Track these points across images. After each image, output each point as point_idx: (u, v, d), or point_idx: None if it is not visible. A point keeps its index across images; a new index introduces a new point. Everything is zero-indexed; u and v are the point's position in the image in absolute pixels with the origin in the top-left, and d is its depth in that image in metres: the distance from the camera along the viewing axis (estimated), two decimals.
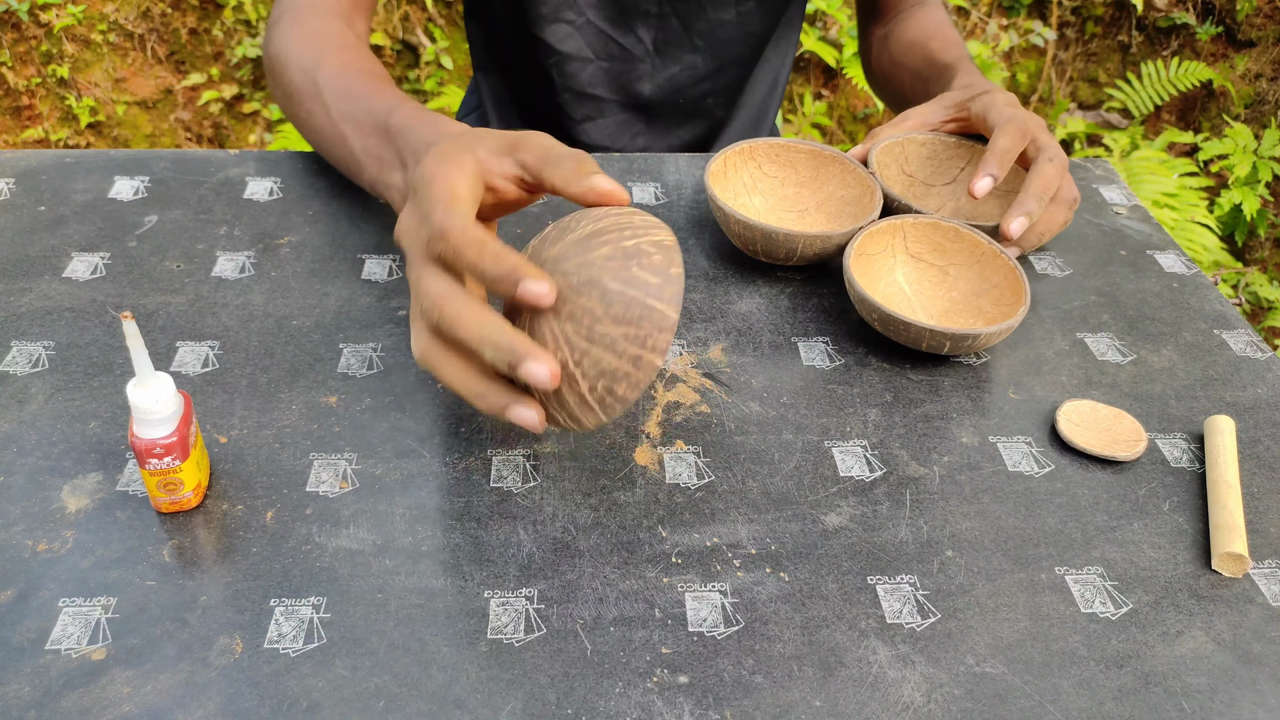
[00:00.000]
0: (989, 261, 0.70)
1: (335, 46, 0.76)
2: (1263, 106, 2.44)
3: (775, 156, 0.79)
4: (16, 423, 0.58)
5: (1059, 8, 2.59)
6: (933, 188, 0.81)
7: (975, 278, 0.71)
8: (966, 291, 0.71)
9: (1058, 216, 0.74)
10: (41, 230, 0.73)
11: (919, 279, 0.72)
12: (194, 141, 2.41)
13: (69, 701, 0.44)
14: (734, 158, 0.78)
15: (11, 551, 0.51)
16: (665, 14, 0.93)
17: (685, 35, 0.95)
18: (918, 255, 0.73)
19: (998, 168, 0.71)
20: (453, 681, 0.46)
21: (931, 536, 0.55)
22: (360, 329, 0.66)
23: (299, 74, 0.75)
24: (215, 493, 0.54)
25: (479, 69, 1.05)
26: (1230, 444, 0.60)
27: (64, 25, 2.27)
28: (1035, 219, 0.70)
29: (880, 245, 0.72)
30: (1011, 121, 0.73)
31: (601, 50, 0.95)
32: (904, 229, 0.72)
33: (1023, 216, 0.69)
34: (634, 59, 0.96)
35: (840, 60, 2.43)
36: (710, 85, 0.99)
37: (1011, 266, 0.68)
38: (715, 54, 0.97)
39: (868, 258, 0.71)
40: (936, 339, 0.63)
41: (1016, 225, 0.69)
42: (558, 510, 0.55)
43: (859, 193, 0.76)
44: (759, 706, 0.46)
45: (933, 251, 0.73)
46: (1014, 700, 0.47)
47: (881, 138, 0.80)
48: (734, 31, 0.95)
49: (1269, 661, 0.49)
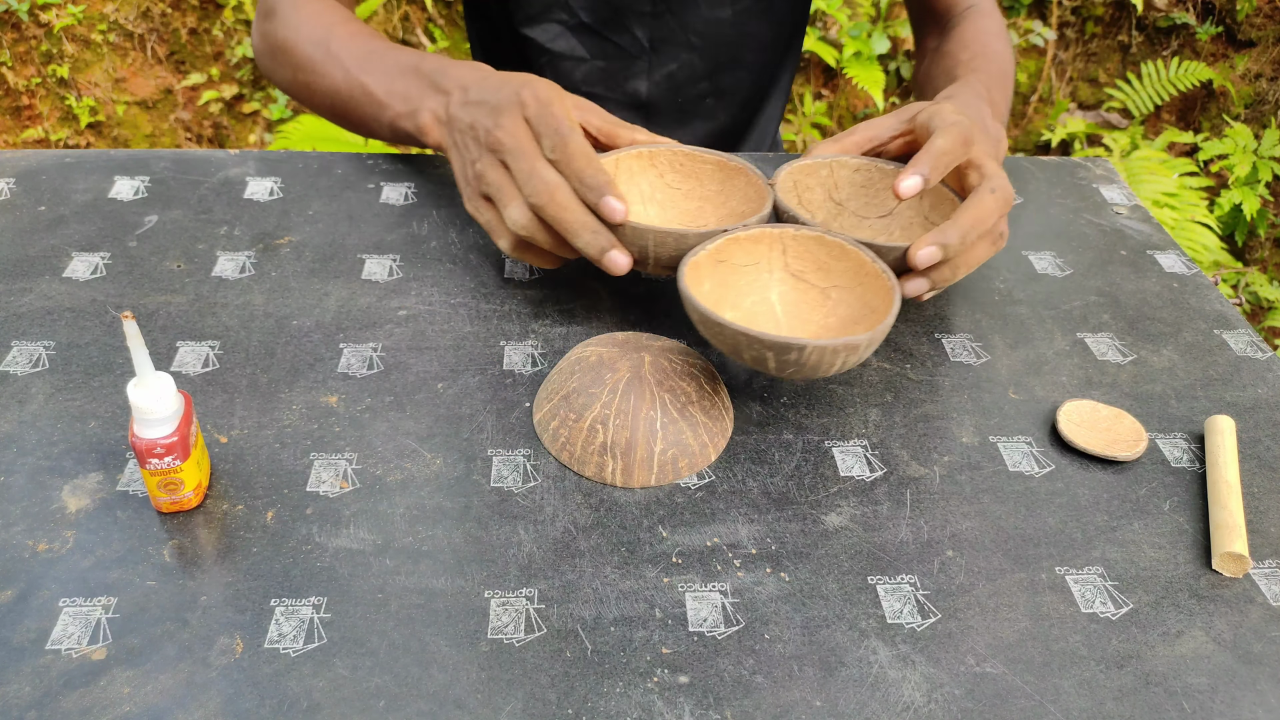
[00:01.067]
0: (871, 284, 0.60)
1: (342, 19, 0.83)
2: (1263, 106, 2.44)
3: (679, 165, 0.70)
4: (17, 423, 0.58)
5: (1059, 8, 2.59)
6: (864, 220, 0.70)
7: (856, 302, 0.61)
8: (845, 318, 0.61)
9: (979, 252, 0.64)
10: (41, 230, 0.73)
11: (797, 300, 0.63)
12: (194, 141, 2.41)
13: (69, 701, 0.44)
14: (630, 161, 0.69)
15: (12, 551, 0.51)
16: (659, 11, 0.93)
17: (681, 33, 0.95)
18: (799, 274, 0.64)
19: (929, 168, 0.61)
20: (453, 681, 0.46)
21: (932, 536, 0.55)
22: (360, 329, 0.66)
23: (310, 46, 0.81)
24: (216, 493, 0.54)
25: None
26: (1230, 444, 0.60)
27: (64, 25, 2.27)
28: (952, 254, 0.60)
29: (754, 256, 0.63)
30: (956, 126, 0.64)
31: (595, 49, 0.95)
32: (784, 241, 0.63)
33: (936, 247, 0.59)
34: (629, 57, 0.96)
35: (840, 60, 2.43)
36: (709, 85, 0.99)
37: (889, 289, 0.58)
38: (712, 53, 0.96)
39: (734, 268, 0.62)
40: (755, 347, 0.54)
41: (925, 254, 0.59)
42: (558, 510, 0.55)
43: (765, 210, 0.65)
44: (759, 706, 0.46)
45: (816, 270, 0.63)
46: (1014, 700, 0.47)
47: (813, 153, 0.71)
48: (730, 31, 0.95)
49: (1269, 661, 0.49)
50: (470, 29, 1.04)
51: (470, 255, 0.74)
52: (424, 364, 0.64)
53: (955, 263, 0.62)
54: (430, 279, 0.71)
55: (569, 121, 0.62)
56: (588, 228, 0.61)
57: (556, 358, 0.65)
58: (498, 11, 0.96)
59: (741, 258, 0.63)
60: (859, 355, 0.55)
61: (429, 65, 0.73)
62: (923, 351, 0.67)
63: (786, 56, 1.05)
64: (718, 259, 0.61)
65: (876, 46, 2.45)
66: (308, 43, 0.81)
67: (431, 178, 0.82)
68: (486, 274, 0.72)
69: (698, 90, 0.99)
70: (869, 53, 2.43)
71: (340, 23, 0.82)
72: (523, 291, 0.70)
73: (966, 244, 0.60)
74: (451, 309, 0.68)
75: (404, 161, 0.84)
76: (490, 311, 0.68)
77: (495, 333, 0.66)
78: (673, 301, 0.70)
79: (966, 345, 0.68)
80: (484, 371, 0.63)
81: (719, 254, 0.61)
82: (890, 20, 2.52)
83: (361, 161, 0.83)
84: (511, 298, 0.70)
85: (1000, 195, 0.62)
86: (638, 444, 0.57)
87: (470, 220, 0.77)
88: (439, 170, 0.83)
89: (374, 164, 0.83)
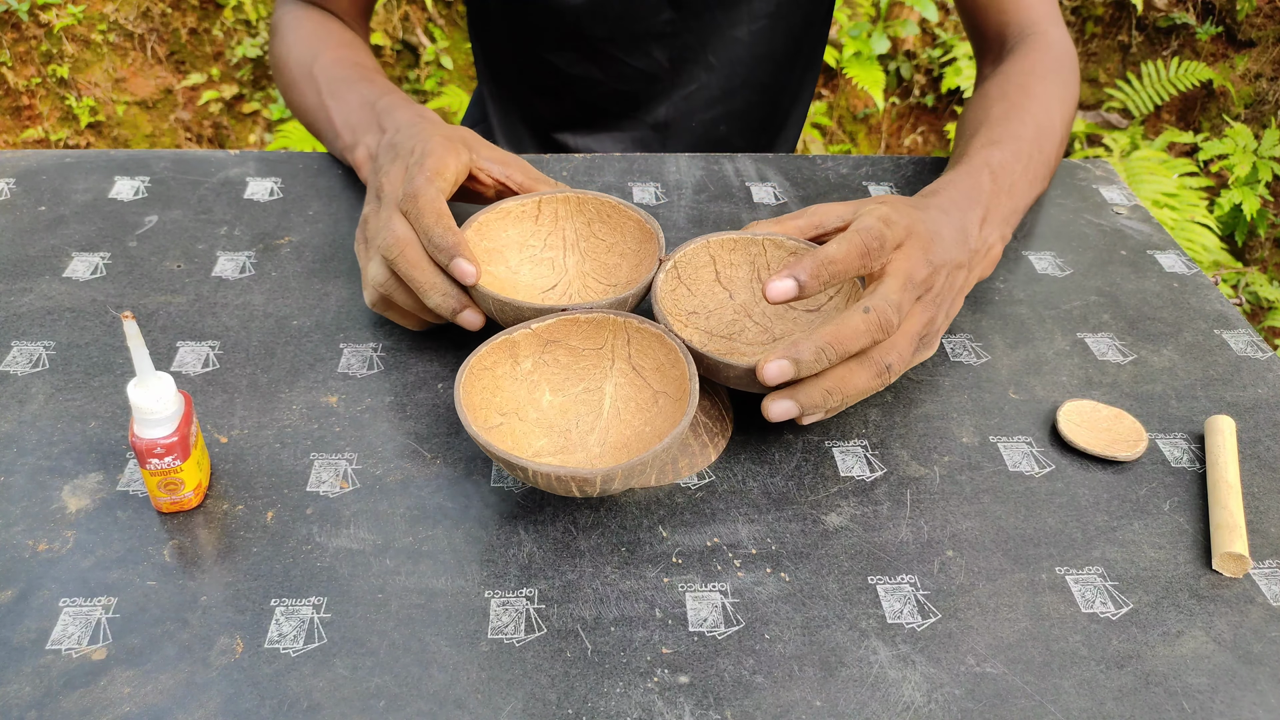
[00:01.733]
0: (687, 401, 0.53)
1: (333, 43, 0.84)
2: (1263, 106, 2.44)
3: (607, 216, 0.65)
4: (17, 423, 0.58)
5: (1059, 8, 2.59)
6: (790, 310, 0.63)
7: (677, 415, 0.54)
8: (660, 430, 0.55)
9: (856, 380, 0.55)
10: (41, 230, 0.73)
11: (631, 397, 0.58)
12: (194, 141, 2.41)
13: (69, 701, 0.44)
14: (556, 205, 0.66)
15: (12, 551, 0.51)
16: (679, 30, 0.92)
17: (701, 52, 0.93)
18: (639, 369, 0.58)
19: (807, 274, 0.53)
20: (453, 681, 0.46)
21: (932, 536, 0.55)
22: (360, 329, 0.66)
23: (298, 67, 0.83)
24: (216, 493, 0.54)
25: (484, 82, 1.04)
26: (1230, 444, 0.60)
27: (64, 25, 2.27)
28: (805, 372, 0.53)
29: (596, 341, 0.58)
30: (861, 234, 0.55)
31: (614, 73, 0.94)
32: (628, 331, 0.58)
33: (788, 362, 0.52)
34: (647, 78, 0.95)
35: (840, 60, 2.43)
36: (723, 109, 0.98)
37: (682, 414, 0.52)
38: (727, 74, 0.95)
39: (572, 350, 0.58)
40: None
41: (773, 369, 0.52)
42: (558, 510, 0.55)
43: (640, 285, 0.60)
44: (759, 706, 0.46)
45: (654, 370, 0.57)
46: (1014, 700, 0.47)
47: (750, 228, 0.64)
48: (745, 52, 0.94)
49: (1269, 661, 0.49)
50: (477, 51, 1.03)
51: None
52: (424, 364, 0.64)
53: (826, 387, 0.54)
54: None
55: (427, 176, 0.60)
56: (437, 289, 0.59)
57: None
58: (510, 35, 0.95)
59: (580, 340, 0.58)
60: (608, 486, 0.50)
61: (383, 103, 0.74)
62: None
63: (802, 86, 1.03)
64: (547, 339, 0.57)
65: (876, 46, 2.45)
66: (296, 64, 0.84)
67: None
68: None
69: (711, 115, 0.98)
70: (869, 53, 2.43)
71: (330, 47, 0.83)
72: None
73: (825, 363, 0.53)
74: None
75: None
76: None
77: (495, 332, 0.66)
78: None
79: (966, 345, 0.68)
80: None
81: (549, 333, 0.57)
82: (890, 20, 2.52)
83: None
84: None
85: (874, 318, 0.53)
86: None
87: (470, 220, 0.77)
88: None
89: None
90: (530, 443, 0.56)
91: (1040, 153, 0.75)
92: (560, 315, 0.57)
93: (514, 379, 0.57)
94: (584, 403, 0.58)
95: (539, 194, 0.66)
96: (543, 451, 0.56)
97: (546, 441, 0.57)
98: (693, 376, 0.53)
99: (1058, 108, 0.78)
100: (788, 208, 0.81)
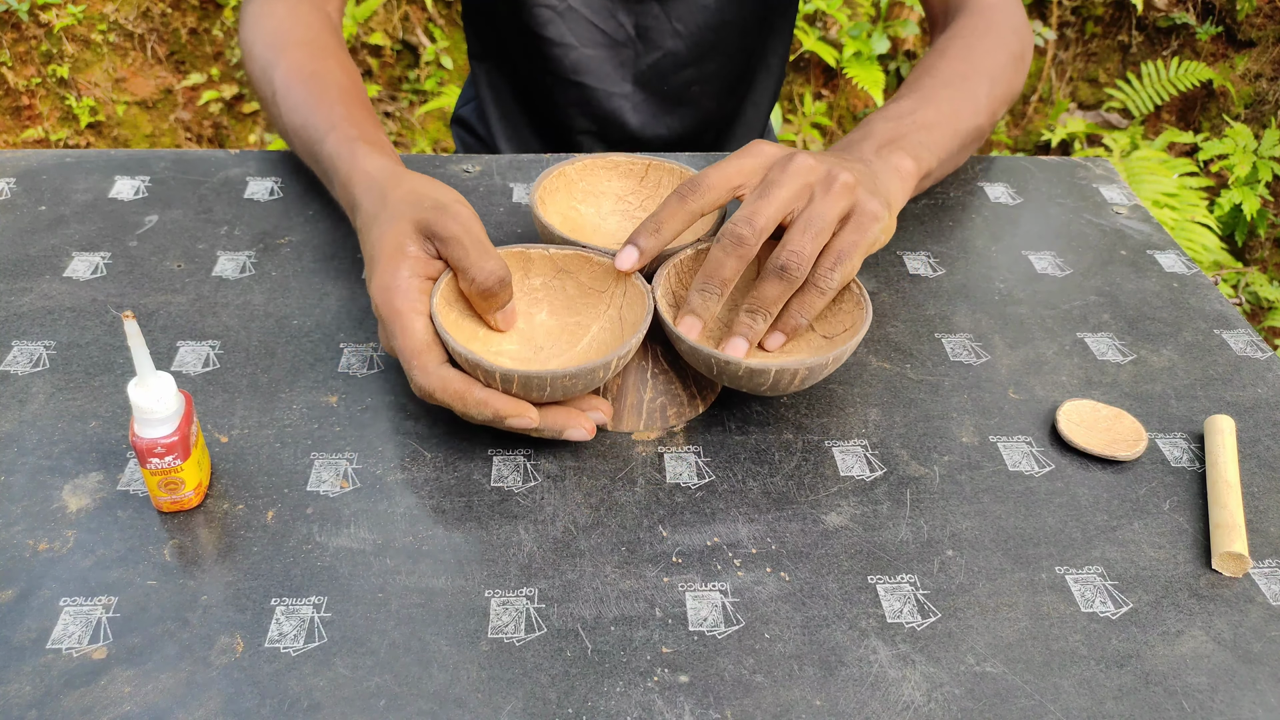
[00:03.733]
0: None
1: (293, 42, 0.78)
2: (1263, 106, 2.44)
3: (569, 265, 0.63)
4: (17, 422, 0.58)
5: (1059, 8, 2.59)
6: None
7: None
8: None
9: (767, 292, 0.57)
10: (42, 230, 0.73)
11: (604, 342, 0.60)
12: (194, 141, 2.41)
13: (70, 701, 0.44)
14: (662, 173, 0.69)
15: (12, 551, 0.51)
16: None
17: (666, 20, 0.95)
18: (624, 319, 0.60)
19: (645, 236, 0.58)
20: (453, 681, 0.46)
21: (932, 536, 0.55)
22: (360, 329, 0.66)
23: (259, 72, 0.78)
24: (216, 492, 0.54)
25: (474, 59, 1.06)
26: (1230, 444, 0.60)
27: (64, 25, 2.27)
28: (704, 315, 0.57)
29: (603, 284, 0.61)
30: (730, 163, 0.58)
31: (586, 37, 0.96)
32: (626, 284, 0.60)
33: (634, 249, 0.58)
34: (618, 44, 0.96)
35: (840, 60, 2.43)
36: (694, 73, 0.99)
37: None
38: (695, 40, 0.97)
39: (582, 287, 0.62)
40: None
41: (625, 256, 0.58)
42: (558, 510, 0.55)
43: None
44: (759, 706, 0.46)
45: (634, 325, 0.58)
46: (1014, 700, 0.47)
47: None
48: (712, 18, 0.96)
49: (1269, 661, 0.49)
50: (466, 22, 1.05)
51: None
52: None
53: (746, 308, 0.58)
54: None
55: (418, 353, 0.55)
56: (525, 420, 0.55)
57: None
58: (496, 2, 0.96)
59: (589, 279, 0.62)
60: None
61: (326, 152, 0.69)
62: (923, 351, 0.67)
63: (771, 41, 1.05)
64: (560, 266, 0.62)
65: (876, 46, 2.45)
66: (258, 67, 0.78)
67: (432, 177, 0.82)
68: None
69: (682, 78, 0.99)
70: (869, 53, 2.43)
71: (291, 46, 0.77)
72: None
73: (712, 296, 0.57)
74: None
75: (404, 162, 0.84)
76: None
77: None
78: None
79: (966, 345, 0.68)
80: None
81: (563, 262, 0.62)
82: (890, 20, 2.52)
83: None
84: None
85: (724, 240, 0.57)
86: (628, 391, 0.60)
87: None
88: (439, 170, 0.84)
89: None
90: (502, 345, 0.60)
91: (952, 100, 0.75)
92: (578, 250, 0.61)
93: (520, 289, 0.62)
94: (570, 332, 0.62)
95: (646, 156, 0.71)
96: (507, 354, 0.60)
97: (516, 348, 0.61)
98: (645, 322, 0.56)
99: (980, 58, 0.79)
100: None
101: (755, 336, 0.58)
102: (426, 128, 2.45)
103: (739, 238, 0.56)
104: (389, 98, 2.47)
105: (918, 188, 0.71)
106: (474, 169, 0.84)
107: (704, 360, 0.56)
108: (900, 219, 0.81)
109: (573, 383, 0.54)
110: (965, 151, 0.79)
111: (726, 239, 0.57)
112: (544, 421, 0.55)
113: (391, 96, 2.47)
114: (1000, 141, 2.56)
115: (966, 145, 0.78)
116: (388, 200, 0.61)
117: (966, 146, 0.78)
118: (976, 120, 0.77)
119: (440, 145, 2.42)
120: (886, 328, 0.69)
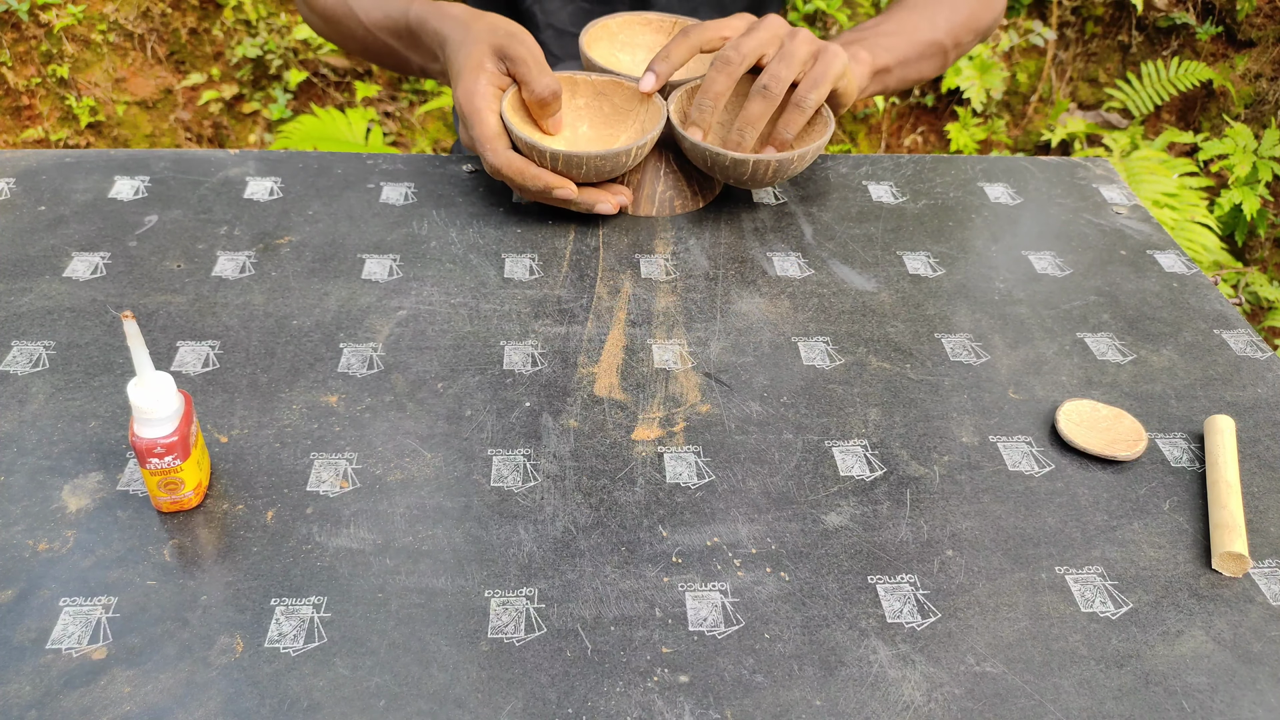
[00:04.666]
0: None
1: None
2: (1263, 106, 2.44)
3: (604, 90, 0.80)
4: (17, 422, 0.58)
5: (1059, 8, 2.59)
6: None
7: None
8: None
9: (751, 110, 0.73)
10: (41, 230, 0.73)
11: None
12: (194, 141, 2.41)
13: (69, 701, 0.44)
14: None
15: (12, 551, 0.51)
16: None
17: None
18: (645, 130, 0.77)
19: (659, 62, 0.74)
20: (453, 681, 0.46)
21: (931, 536, 0.55)
22: (360, 329, 0.66)
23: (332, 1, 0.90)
24: (216, 492, 0.54)
25: None
26: (1230, 444, 0.60)
27: (64, 25, 2.27)
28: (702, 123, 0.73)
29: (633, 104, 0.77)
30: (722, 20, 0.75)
31: None
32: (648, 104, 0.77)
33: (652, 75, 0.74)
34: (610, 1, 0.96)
35: None
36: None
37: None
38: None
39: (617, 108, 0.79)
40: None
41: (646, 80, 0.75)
42: (558, 510, 0.55)
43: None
44: (759, 706, 0.46)
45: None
46: (1014, 700, 0.47)
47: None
48: (712, 14, 0.95)
49: (1269, 661, 0.49)
50: None
51: (470, 255, 0.74)
52: (424, 364, 0.64)
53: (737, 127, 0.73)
54: (430, 279, 0.71)
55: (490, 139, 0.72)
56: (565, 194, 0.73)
57: (556, 358, 0.65)
58: None
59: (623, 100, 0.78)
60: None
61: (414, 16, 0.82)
62: (923, 351, 0.67)
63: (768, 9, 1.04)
64: (599, 90, 0.78)
65: None
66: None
67: (431, 177, 0.82)
68: (486, 274, 0.72)
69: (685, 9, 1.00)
70: None
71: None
72: (523, 291, 0.70)
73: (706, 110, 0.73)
74: (451, 309, 0.68)
75: (404, 162, 0.84)
76: (490, 311, 0.68)
77: (495, 333, 0.66)
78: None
79: (966, 345, 0.68)
80: (484, 371, 0.63)
81: (602, 87, 0.78)
82: None
83: (361, 161, 0.83)
84: (511, 298, 0.70)
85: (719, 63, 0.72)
86: (645, 183, 0.78)
87: (470, 220, 0.77)
88: (439, 170, 0.83)
89: (374, 164, 0.83)
90: (549, 142, 0.76)
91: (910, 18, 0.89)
92: (613, 77, 0.78)
93: (567, 106, 0.78)
94: (605, 141, 0.79)
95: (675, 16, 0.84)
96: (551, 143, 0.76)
97: (561, 146, 0.78)
98: (660, 123, 0.73)
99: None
100: (787, 207, 0.81)
101: (745, 147, 0.74)
102: (426, 128, 2.45)
103: (726, 59, 0.73)
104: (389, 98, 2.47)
105: (878, 80, 0.86)
106: (474, 168, 0.84)
107: (701, 156, 0.73)
108: (900, 219, 0.81)
109: (603, 163, 0.71)
110: (924, 61, 0.91)
111: (718, 63, 0.73)
112: (581, 196, 0.73)
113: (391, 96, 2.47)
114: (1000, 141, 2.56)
115: (925, 56, 0.90)
116: (470, 30, 0.76)
117: (925, 57, 0.90)
118: (934, 35, 0.90)
119: (440, 145, 2.42)
120: (886, 328, 0.69)
